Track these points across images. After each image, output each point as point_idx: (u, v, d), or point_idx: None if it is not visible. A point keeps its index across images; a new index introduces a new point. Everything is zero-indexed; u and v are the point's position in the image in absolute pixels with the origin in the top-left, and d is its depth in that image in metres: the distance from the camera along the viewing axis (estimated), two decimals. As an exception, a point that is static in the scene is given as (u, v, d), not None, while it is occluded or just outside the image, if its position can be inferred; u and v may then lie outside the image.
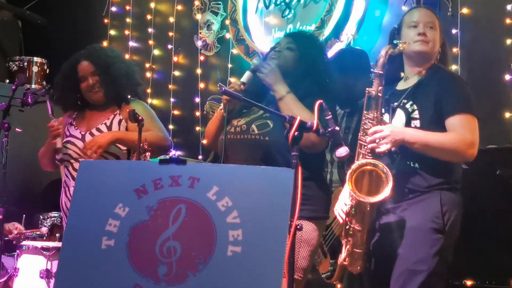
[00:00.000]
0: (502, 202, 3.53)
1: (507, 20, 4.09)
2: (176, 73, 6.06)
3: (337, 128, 2.51)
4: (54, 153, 3.65)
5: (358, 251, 2.89)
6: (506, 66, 4.06)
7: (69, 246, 2.20)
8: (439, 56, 3.03)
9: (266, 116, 3.04)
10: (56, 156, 3.64)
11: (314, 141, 2.85)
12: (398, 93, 3.01)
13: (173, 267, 2.08)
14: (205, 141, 3.33)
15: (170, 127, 5.80)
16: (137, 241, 2.13)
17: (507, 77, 4.04)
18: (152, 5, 6.26)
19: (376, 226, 2.95)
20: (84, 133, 3.65)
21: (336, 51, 4.50)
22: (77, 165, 3.50)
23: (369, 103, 2.90)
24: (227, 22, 5.70)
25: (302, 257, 2.96)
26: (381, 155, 2.85)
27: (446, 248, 2.83)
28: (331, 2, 4.94)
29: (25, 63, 6.00)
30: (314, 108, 2.45)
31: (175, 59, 6.07)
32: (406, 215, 2.87)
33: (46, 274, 4.11)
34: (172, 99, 6.01)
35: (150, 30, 6.27)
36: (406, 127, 2.90)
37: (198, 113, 5.77)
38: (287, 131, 2.39)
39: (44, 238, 4.62)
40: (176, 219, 2.13)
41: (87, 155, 3.44)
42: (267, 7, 5.42)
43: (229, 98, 2.96)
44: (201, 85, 5.81)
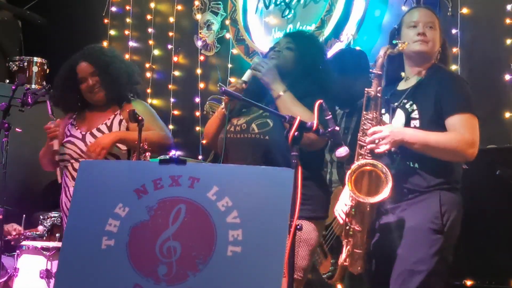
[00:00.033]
0: (502, 202, 3.53)
1: (507, 20, 4.09)
2: (176, 73, 6.06)
3: (337, 128, 2.51)
4: (53, 155, 3.65)
5: (358, 252, 2.89)
6: (506, 66, 4.06)
7: (69, 246, 2.20)
8: (439, 56, 3.02)
9: (266, 115, 3.04)
10: (55, 157, 3.64)
11: (313, 139, 2.84)
12: (399, 93, 3.01)
13: (173, 267, 2.08)
14: (204, 140, 3.33)
15: (170, 127, 5.79)
16: (137, 241, 2.13)
17: (507, 77, 4.04)
18: (152, 5, 6.26)
19: (376, 227, 2.95)
20: (85, 133, 3.65)
21: (335, 52, 4.50)
22: (77, 165, 3.49)
23: (368, 104, 2.90)
24: (227, 22, 5.70)
25: (302, 257, 2.96)
26: (381, 156, 2.85)
27: (446, 248, 2.83)
28: (331, 2, 4.94)
29: (25, 63, 6.00)
30: (314, 108, 2.45)
31: (175, 59, 6.07)
32: (406, 216, 2.87)
33: (46, 274, 4.11)
34: (172, 99, 6.01)
35: (150, 30, 6.27)
36: (406, 127, 2.90)
37: (198, 113, 5.77)
38: (287, 131, 2.39)
39: (44, 238, 4.62)
40: (176, 219, 2.13)
41: (92, 158, 3.43)
42: (267, 7, 5.42)
43: None
44: (201, 85, 5.81)
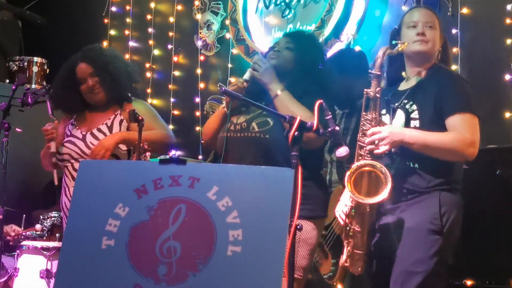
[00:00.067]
0: (502, 202, 3.53)
1: (507, 20, 4.09)
2: (176, 73, 6.07)
3: (337, 128, 2.51)
4: (51, 157, 3.64)
5: (359, 252, 2.89)
6: (506, 66, 4.06)
7: (69, 246, 2.19)
8: (440, 56, 3.01)
9: (267, 114, 3.04)
10: (52, 160, 3.63)
11: (311, 137, 2.83)
12: (399, 94, 3.00)
13: (173, 267, 2.08)
14: (203, 139, 3.32)
15: (170, 127, 5.78)
16: (137, 241, 2.13)
17: (507, 77, 4.04)
18: (152, 5, 6.27)
19: (376, 227, 2.95)
20: (85, 133, 3.64)
21: (334, 52, 4.50)
22: (77, 165, 3.49)
23: (368, 104, 2.89)
24: (227, 22, 5.70)
25: (302, 256, 2.96)
26: (381, 156, 2.85)
27: (445, 249, 2.82)
28: (331, 2, 4.95)
29: (25, 63, 6.00)
30: (314, 108, 2.45)
31: (175, 59, 6.07)
32: (405, 216, 2.87)
33: (46, 274, 4.11)
34: (172, 99, 6.01)
35: (150, 30, 6.27)
36: (405, 128, 2.89)
37: (198, 113, 5.77)
38: (287, 131, 2.40)
39: (44, 238, 4.62)
40: (176, 219, 2.13)
41: None
42: (267, 7, 5.42)
43: None
44: (201, 85, 5.82)
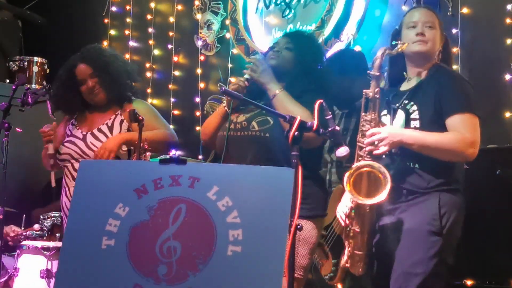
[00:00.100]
0: (502, 202, 3.53)
1: (507, 20, 4.09)
2: (176, 73, 6.07)
3: (337, 128, 2.51)
4: (48, 158, 3.63)
5: (359, 253, 2.88)
6: (506, 66, 4.06)
7: (69, 246, 2.20)
8: (442, 55, 2.99)
9: (267, 113, 3.04)
10: (50, 161, 3.62)
11: (309, 136, 2.82)
12: (400, 94, 3.00)
13: (173, 267, 2.08)
14: (202, 138, 3.32)
15: (170, 127, 5.79)
16: (137, 241, 2.13)
17: (507, 77, 4.04)
18: (152, 5, 6.27)
19: (377, 228, 2.94)
20: (86, 133, 3.64)
21: (333, 52, 4.50)
22: (77, 165, 3.49)
23: (367, 105, 2.89)
24: (227, 22, 5.70)
25: (302, 256, 2.96)
26: (380, 157, 2.85)
27: (445, 250, 2.80)
28: (331, 2, 4.95)
29: (25, 63, 6.01)
30: (315, 108, 2.45)
31: (175, 59, 6.07)
32: (405, 217, 2.86)
33: (46, 274, 4.11)
34: (172, 99, 6.01)
35: (150, 30, 6.27)
36: (405, 128, 2.89)
37: (198, 113, 5.77)
38: (287, 131, 2.40)
39: (44, 238, 4.62)
40: (176, 219, 2.13)
41: None
42: (267, 7, 5.42)
43: None
44: (201, 85, 5.82)
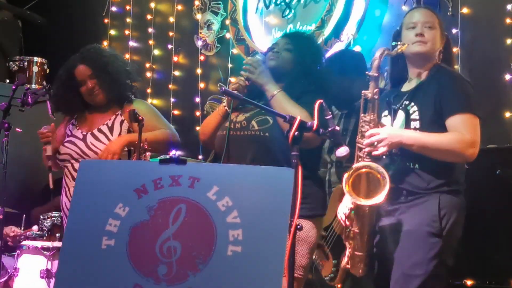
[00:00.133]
0: (502, 202, 3.53)
1: (507, 20, 4.09)
2: (176, 73, 6.07)
3: (337, 128, 2.51)
4: (47, 160, 3.62)
5: (359, 254, 2.88)
6: (506, 66, 4.06)
7: (69, 246, 2.20)
8: (443, 56, 2.98)
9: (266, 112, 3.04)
10: (48, 162, 3.62)
11: (308, 136, 2.82)
12: (401, 95, 2.99)
13: (173, 267, 2.08)
14: (201, 138, 3.32)
15: (172, 127, 5.78)
16: (137, 241, 2.13)
17: (507, 77, 4.04)
18: (152, 5, 6.27)
19: (377, 229, 2.94)
20: (86, 134, 3.64)
21: (333, 53, 4.50)
22: (77, 165, 3.48)
23: (366, 106, 2.88)
24: (227, 22, 5.70)
25: (301, 255, 2.97)
26: (380, 157, 2.84)
27: (445, 252, 2.80)
28: (331, 2, 4.95)
29: (25, 63, 6.00)
30: (315, 108, 2.45)
31: (175, 59, 6.07)
32: (405, 218, 2.85)
33: (46, 274, 4.12)
34: (172, 99, 6.01)
35: (150, 30, 6.27)
36: (405, 129, 2.88)
37: (198, 113, 5.77)
38: (287, 131, 2.40)
39: (44, 238, 4.62)
40: (176, 219, 2.13)
41: None
42: (267, 7, 5.42)
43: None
44: (201, 85, 5.82)
